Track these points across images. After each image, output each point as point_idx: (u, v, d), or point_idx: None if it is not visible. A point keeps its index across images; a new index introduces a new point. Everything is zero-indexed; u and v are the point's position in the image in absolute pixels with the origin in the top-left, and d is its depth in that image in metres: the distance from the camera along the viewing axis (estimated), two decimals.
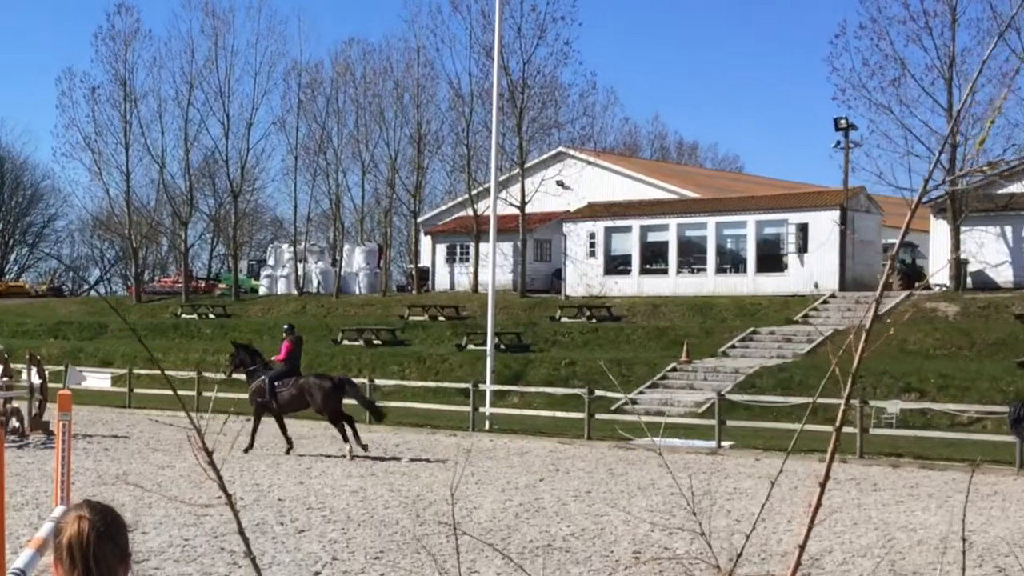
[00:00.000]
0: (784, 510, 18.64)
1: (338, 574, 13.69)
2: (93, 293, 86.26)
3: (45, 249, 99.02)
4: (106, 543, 3.81)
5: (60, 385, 35.98)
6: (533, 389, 38.10)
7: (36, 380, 31.18)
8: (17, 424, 28.70)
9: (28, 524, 15.85)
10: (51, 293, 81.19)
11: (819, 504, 3.36)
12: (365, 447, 26.42)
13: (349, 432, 26.33)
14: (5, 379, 30.02)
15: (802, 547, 3.41)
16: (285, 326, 29.79)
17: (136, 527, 15.90)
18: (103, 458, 25.32)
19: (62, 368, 41.34)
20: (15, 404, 29.78)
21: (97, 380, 38.81)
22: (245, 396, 28.62)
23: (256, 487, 21.05)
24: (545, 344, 46.78)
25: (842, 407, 3.34)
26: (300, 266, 67.19)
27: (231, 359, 29.37)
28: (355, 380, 31.21)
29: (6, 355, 31.77)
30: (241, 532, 3.89)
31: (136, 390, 40.86)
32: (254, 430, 27.00)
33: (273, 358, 28.63)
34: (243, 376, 28.79)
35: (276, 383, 27.26)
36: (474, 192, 59.61)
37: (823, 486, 3.40)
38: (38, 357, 32.38)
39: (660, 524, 17.35)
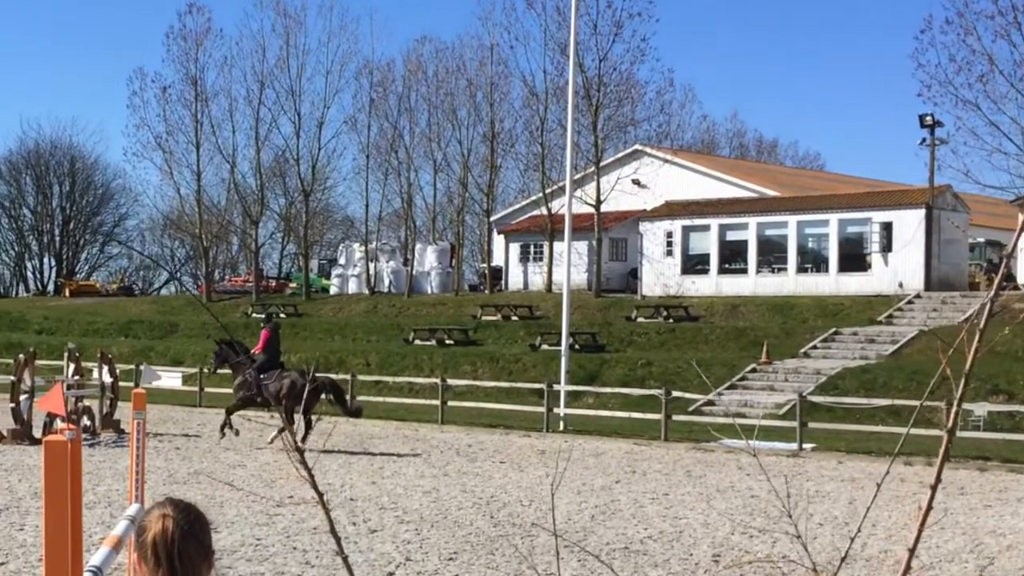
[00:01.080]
0: (868, 513, 18.38)
1: (412, 575, 13.68)
2: (167, 290, 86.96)
3: (133, 248, 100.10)
4: (190, 541, 3.81)
5: (131, 384, 36.59)
6: (608, 390, 38.03)
7: (107, 379, 31.61)
8: (89, 423, 29.07)
9: (100, 522, 16.01)
10: (122, 292, 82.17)
11: (930, 507, 3.30)
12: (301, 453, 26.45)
13: (303, 430, 26.64)
14: (77, 378, 30.42)
15: (912, 551, 3.35)
16: (263, 316, 30.38)
17: (230, 524, 16.05)
18: (174, 457, 25.58)
19: (133, 367, 42.03)
20: (87, 403, 30.17)
21: (169, 379, 39.25)
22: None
23: (328, 486, 21.12)
24: (621, 344, 46.65)
25: (955, 409, 3.29)
26: (371, 265, 67.46)
27: (215, 356, 30.11)
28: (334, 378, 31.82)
29: (77, 354, 32.17)
30: (333, 531, 3.89)
31: (207, 389, 41.23)
32: (228, 414, 28.20)
33: (253, 350, 29.22)
34: (229, 372, 29.60)
35: (262, 376, 27.83)
36: (548, 191, 59.59)
37: (934, 489, 3.33)
38: (109, 356, 32.79)
39: (740, 527, 17.23)
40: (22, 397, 27.92)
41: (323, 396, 27.96)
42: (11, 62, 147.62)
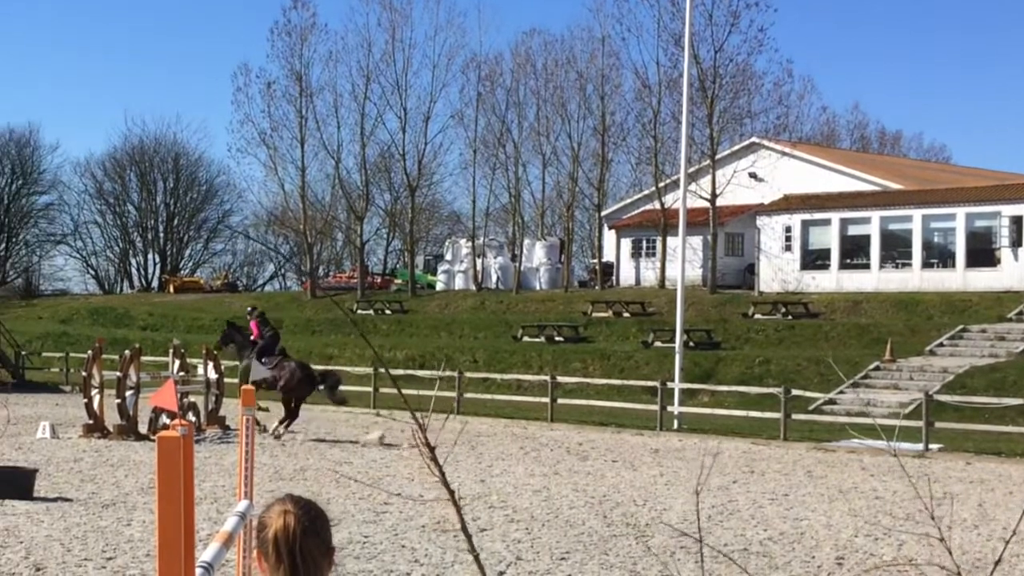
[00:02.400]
0: (999, 516, 18.07)
1: (523, 574, 13.65)
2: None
3: (248, 235, 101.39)
4: (311, 538, 3.87)
5: (235, 380, 37.05)
6: (725, 388, 37.81)
7: (212, 375, 32.05)
8: (194, 419, 29.49)
9: (207, 518, 16.18)
10: (226, 288, 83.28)
11: None
12: (279, 437, 28.38)
13: (287, 420, 28.78)
14: (182, 374, 30.90)
15: None
16: (248, 308, 32.17)
17: (337, 522, 16.15)
18: (280, 453, 25.83)
19: (237, 363, 42.52)
20: (192, 399, 30.61)
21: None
22: (447, 394, 29.34)
23: (436, 484, 21.16)
24: (737, 341, 46.35)
25: None
26: (478, 261, 67.66)
27: (223, 335, 31.57)
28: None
29: (182, 350, 32.68)
30: (464, 529, 3.88)
31: None
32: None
33: (252, 337, 30.60)
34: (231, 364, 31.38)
35: (263, 360, 29.41)
36: (661, 185, 59.34)
37: None
38: (214, 352, 33.22)
39: (864, 529, 16.96)
40: (127, 393, 28.40)
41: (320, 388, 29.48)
42: (116, 59, 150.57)
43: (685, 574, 13.61)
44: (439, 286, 70.98)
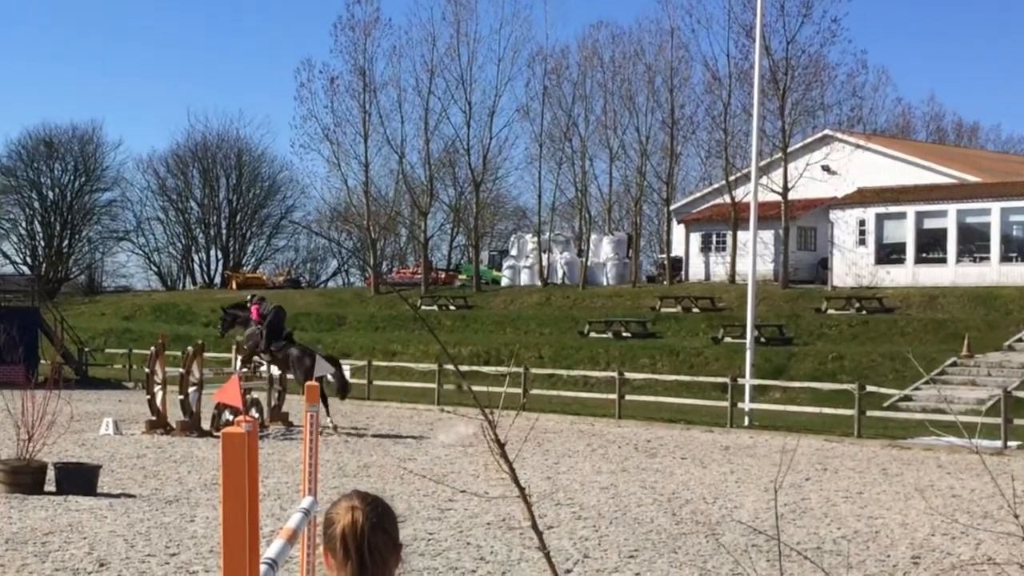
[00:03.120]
0: None
1: (590, 572, 13.62)
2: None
3: (311, 229, 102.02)
4: (379, 534, 3.87)
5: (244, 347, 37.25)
6: (797, 384, 37.59)
7: (275, 371, 32.23)
8: (257, 415, 29.67)
9: (270, 515, 16.28)
10: (288, 284, 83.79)
11: None
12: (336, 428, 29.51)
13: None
14: (244, 370, 31.10)
15: None
16: (248, 296, 33.44)
17: (402, 519, 16.20)
18: (343, 450, 25.97)
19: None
20: (255, 395, 30.83)
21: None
22: (513, 390, 29.47)
23: (501, 481, 21.19)
24: (809, 337, 46.08)
25: None
26: (544, 256, 67.62)
27: (222, 322, 33.08)
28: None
29: (246, 346, 32.89)
30: (534, 526, 3.85)
31: (375, 382, 41.85)
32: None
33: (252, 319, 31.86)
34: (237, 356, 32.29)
35: (272, 345, 30.67)
36: (732, 178, 59.05)
37: None
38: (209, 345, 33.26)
39: (941, 528, 16.79)
40: (190, 389, 28.64)
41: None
42: (179, 55, 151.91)
43: (757, 572, 13.52)
44: (504, 281, 71.01)
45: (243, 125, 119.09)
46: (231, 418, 24.50)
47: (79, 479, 18.39)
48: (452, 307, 61.67)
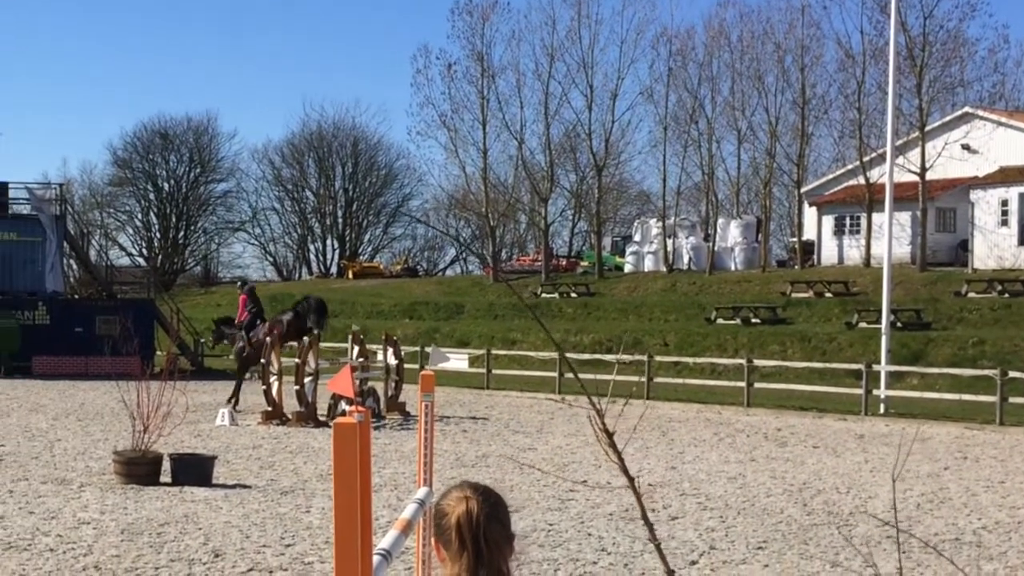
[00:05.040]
0: None
1: (717, 564, 13.53)
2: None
3: (424, 222, 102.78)
4: (494, 524, 3.86)
5: (415, 366, 37.59)
6: (935, 370, 37.05)
7: (392, 361, 32.51)
8: (373, 405, 29.97)
9: (387, 505, 16.41)
10: (406, 273, 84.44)
11: None
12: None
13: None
14: (361, 360, 31.39)
15: None
16: (238, 283, 35.00)
17: (520, 509, 16.27)
18: (462, 439, 26.10)
19: (417, 349, 43.20)
20: (371, 385, 31.09)
21: (456, 360, 40.06)
22: (636, 378, 29.47)
23: None
24: (949, 322, 45.44)
25: None
26: (669, 242, 67.39)
27: (213, 334, 35.61)
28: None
29: (361, 336, 33.19)
30: (645, 517, 3.82)
31: (494, 371, 42.01)
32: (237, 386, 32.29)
33: (237, 319, 34.52)
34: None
35: (249, 334, 32.81)
36: (866, 159, 58.33)
37: None
38: (394, 338, 33.70)
39: None
40: (306, 380, 28.96)
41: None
42: (293, 44, 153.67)
43: (891, 565, 13.33)
44: (627, 268, 70.88)
45: (359, 113, 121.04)
46: (347, 408, 24.74)
47: (195, 470, 18.70)
48: (573, 294, 61.69)
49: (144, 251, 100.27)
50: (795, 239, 66.77)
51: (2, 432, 25.67)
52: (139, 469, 18.52)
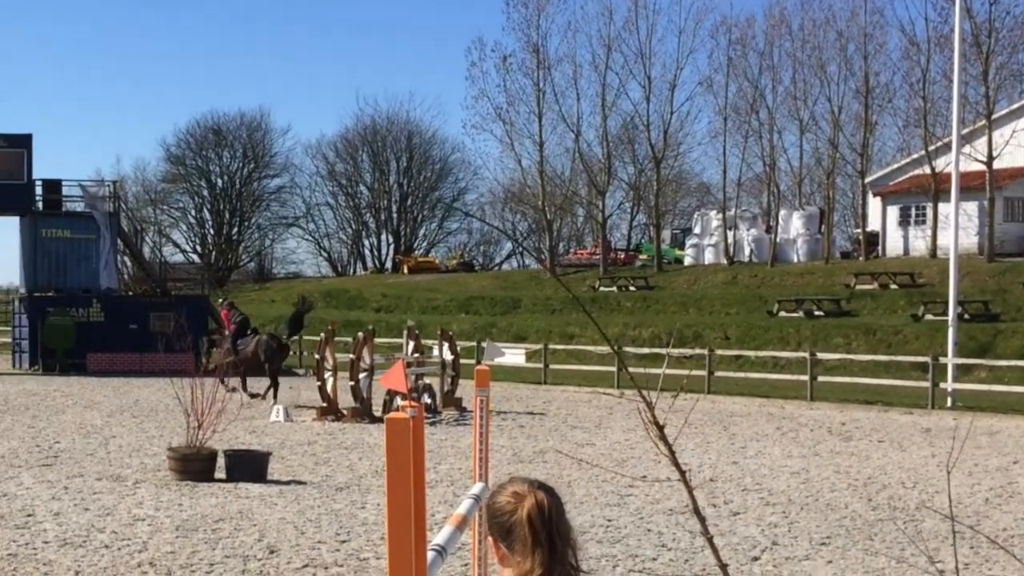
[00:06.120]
0: None
1: (779, 560, 13.47)
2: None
3: (476, 216, 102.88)
4: (563, 517, 3.81)
5: (472, 361, 37.69)
6: (1004, 363, 36.87)
7: (448, 356, 32.58)
8: (429, 400, 30.06)
9: (443, 501, 16.46)
10: (461, 268, 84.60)
11: None
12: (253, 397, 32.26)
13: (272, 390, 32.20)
14: (416, 355, 31.47)
15: None
16: (219, 300, 37.32)
17: (577, 505, 16.27)
18: (519, 435, 26.12)
19: (473, 344, 43.28)
20: (427, 380, 31.17)
21: (512, 355, 40.11)
22: (697, 372, 29.33)
23: (684, 466, 21.01)
24: (1018, 313, 45.15)
25: None
26: (730, 234, 67.17)
27: (205, 344, 37.19)
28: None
29: (417, 331, 33.28)
30: (696, 511, 3.82)
31: (552, 366, 42.01)
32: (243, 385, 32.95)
33: (226, 331, 35.92)
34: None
35: (237, 343, 33.89)
36: (932, 148, 57.92)
37: None
38: (450, 333, 33.77)
39: None
40: (361, 375, 29.06)
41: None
42: (346, 38, 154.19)
43: (957, 561, 13.24)
44: (687, 260, 70.71)
45: (413, 107, 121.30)
46: (402, 404, 24.79)
47: (249, 466, 18.81)
48: (632, 288, 61.62)
49: (198, 247, 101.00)
50: (859, 230, 66.38)
51: (57, 429, 25.92)
52: (194, 465, 18.65)
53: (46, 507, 16.02)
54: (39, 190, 52.62)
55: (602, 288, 62.55)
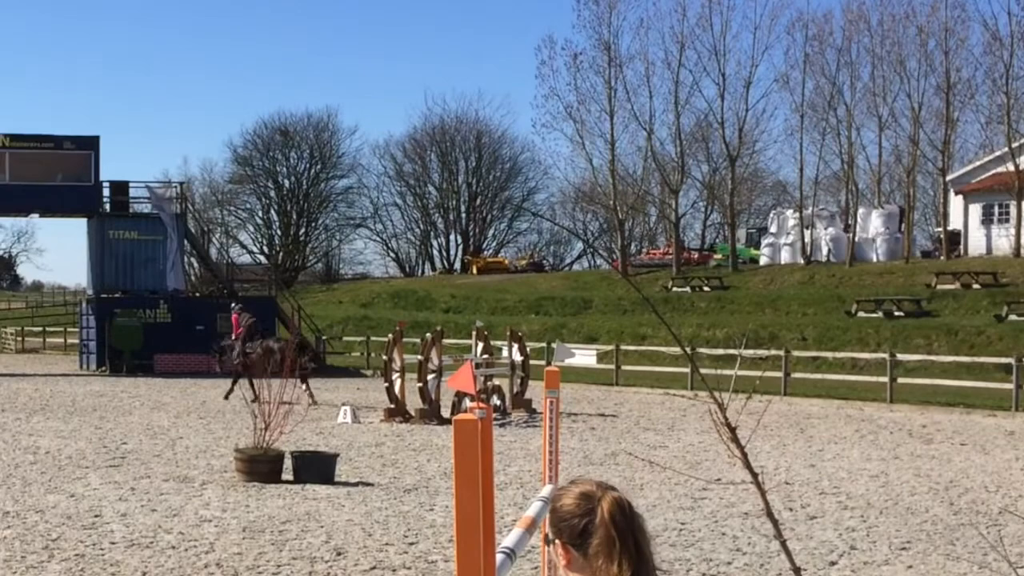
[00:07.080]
0: None
1: (858, 565, 13.37)
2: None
3: (544, 216, 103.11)
4: (639, 517, 3.67)
5: (542, 362, 37.69)
6: None
7: (517, 357, 32.58)
8: (499, 402, 30.11)
9: (512, 503, 16.45)
10: (531, 268, 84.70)
11: None
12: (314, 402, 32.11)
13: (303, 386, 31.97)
14: (485, 356, 31.50)
15: None
16: (231, 304, 38.50)
17: (649, 508, 16.21)
18: (589, 437, 26.08)
19: (543, 345, 43.29)
20: (496, 382, 31.20)
21: (583, 356, 40.11)
22: (773, 374, 29.22)
23: (760, 469, 20.84)
24: None
25: None
26: (807, 233, 66.85)
27: (216, 350, 37.08)
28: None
29: (486, 332, 33.32)
30: (769, 513, 3.77)
31: (623, 367, 41.94)
32: (234, 384, 33.63)
33: (235, 335, 35.69)
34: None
35: (247, 347, 34.24)
36: (1015, 144, 57.47)
37: None
38: (519, 334, 33.79)
39: None
40: (429, 376, 29.15)
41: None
42: (415, 37, 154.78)
43: None
44: (763, 260, 70.49)
45: (482, 106, 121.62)
46: (470, 405, 24.81)
47: (316, 467, 18.88)
48: (706, 288, 61.45)
49: (265, 248, 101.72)
50: (940, 229, 65.94)
51: (125, 430, 26.17)
52: (261, 467, 18.75)
53: (113, 508, 16.16)
54: (106, 192, 53.25)
55: (675, 288, 62.41)
